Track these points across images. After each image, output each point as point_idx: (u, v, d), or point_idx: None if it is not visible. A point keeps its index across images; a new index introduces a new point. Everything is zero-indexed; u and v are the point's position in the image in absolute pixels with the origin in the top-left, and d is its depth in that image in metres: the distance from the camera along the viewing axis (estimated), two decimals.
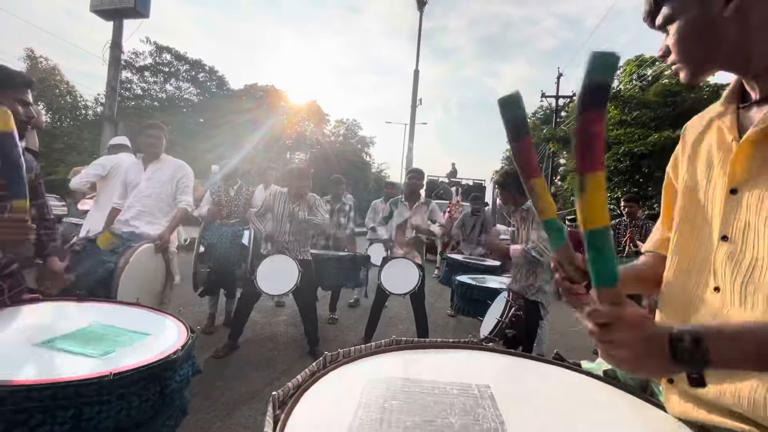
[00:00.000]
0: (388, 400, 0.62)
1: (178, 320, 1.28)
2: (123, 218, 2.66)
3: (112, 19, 8.57)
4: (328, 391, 0.66)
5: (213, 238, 3.32)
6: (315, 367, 0.72)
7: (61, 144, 20.20)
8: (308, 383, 0.67)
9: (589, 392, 0.75)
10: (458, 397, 0.65)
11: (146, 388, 0.94)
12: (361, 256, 3.86)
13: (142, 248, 2.29)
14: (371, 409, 0.59)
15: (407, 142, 15.88)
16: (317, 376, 0.70)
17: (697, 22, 0.61)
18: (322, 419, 0.58)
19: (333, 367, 0.74)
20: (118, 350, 1.01)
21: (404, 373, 0.74)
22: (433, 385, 0.69)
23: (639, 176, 10.91)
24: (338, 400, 0.63)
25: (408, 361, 0.83)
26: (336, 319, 4.16)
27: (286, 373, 2.77)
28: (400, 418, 0.57)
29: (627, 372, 0.55)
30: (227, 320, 3.63)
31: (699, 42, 0.61)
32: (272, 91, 29.72)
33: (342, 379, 0.71)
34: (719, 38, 0.60)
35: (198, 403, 2.26)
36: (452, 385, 0.70)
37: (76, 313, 1.31)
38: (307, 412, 0.58)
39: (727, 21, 0.58)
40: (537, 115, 29.07)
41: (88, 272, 2.07)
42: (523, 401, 0.70)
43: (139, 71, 25.58)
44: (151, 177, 2.74)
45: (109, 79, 8.69)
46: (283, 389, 0.63)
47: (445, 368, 0.81)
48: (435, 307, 5.01)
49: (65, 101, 23.40)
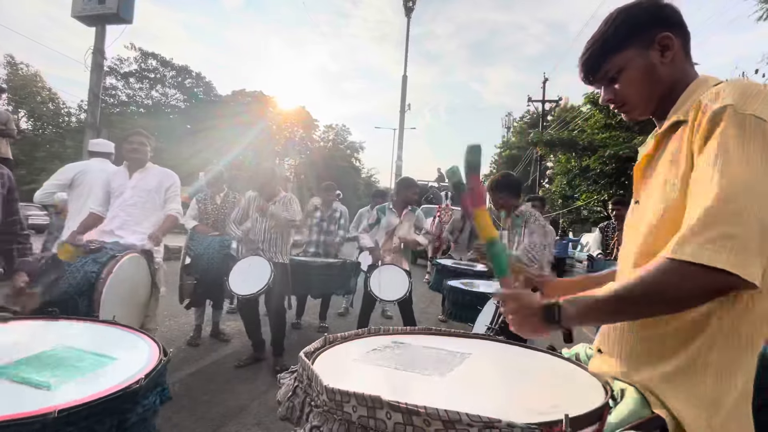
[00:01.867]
0: (393, 350, 0.88)
1: (152, 341, 1.18)
2: (107, 228, 2.58)
3: (94, 25, 8.42)
4: (363, 344, 0.92)
5: (200, 249, 3.25)
6: (360, 332, 0.97)
7: (43, 152, 19.78)
8: (353, 338, 0.94)
9: (539, 362, 0.92)
10: (443, 354, 0.89)
11: (100, 422, 0.83)
12: (351, 263, 3.81)
13: (125, 258, 2.20)
14: (376, 351, 0.87)
15: (396, 148, 15.94)
16: (361, 336, 0.96)
17: (643, 68, 0.78)
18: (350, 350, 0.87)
19: (374, 334, 0.99)
20: (76, 379, 0.90)
21: (417, 342, 0.96)
22: (430, 348, 0.92)
23: (624, 179, 11.09)
24: (365, 347, 0.89)
25: (429, 339, 1.02)
26: (326, 328, 4.10)
27: (273, 386, 2.70)
28: (393, 356, 0.84)
29: (521, 332, 0.78)
30: (214, 331, 3.55)
31: (647, 83, 0.79)
32: (260, 97, 29.61)
33: (376, 340, 0.95)
34: (659, 80, 0.79)
35: (183, 418, 2.18)
36: (445, 351, 0.91)
37: (42, 333, 1.21)
38: (343, 348, 0.88)
39: (664, 66, 0.78)
40: (524, 119, 29.46)
41: (68, 284, 1.99)
42: (486, 363, 0.91)
43: (124, 77, 25.27)
44: (136, 185, 2.66)
45: (92, 86, 8.53)
46: (333, 336, 0.90)
47: (448, 344, 0.98)
48: (426, 312, 4.99)
49: (47, 108, 22.95)
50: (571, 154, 13.35)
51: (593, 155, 11.58)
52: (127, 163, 2.75)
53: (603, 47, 0.80)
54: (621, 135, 11.35)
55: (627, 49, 0.78)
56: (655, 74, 0.78)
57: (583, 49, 0.83)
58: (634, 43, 0.78)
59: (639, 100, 0.81)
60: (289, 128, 31.65)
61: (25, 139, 20.03)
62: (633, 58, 0.78)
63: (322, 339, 0.83)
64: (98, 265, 2.06)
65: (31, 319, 1.32)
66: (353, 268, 3.83)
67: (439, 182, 14.53)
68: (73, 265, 2.05)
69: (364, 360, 0.80)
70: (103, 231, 2.58)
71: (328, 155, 30.82)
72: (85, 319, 1.38)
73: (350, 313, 4.71)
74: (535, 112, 24.97)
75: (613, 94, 0.83)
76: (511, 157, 26.62)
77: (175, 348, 3.23)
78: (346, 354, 0.84)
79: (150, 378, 0.96)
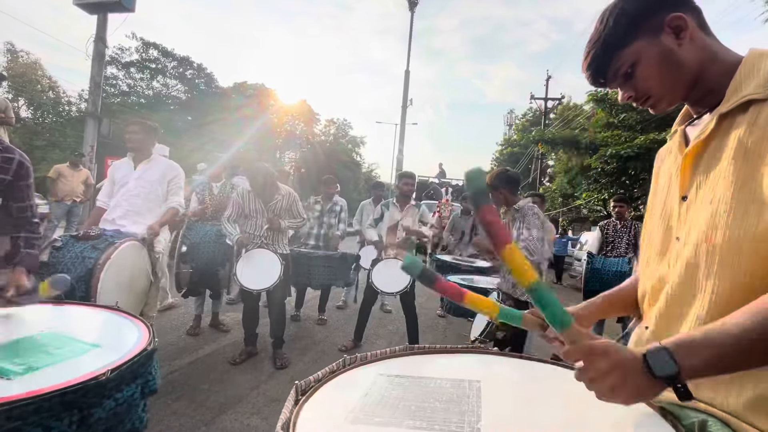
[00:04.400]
0: (389, 390, 0.74)
1: (146, 330, 1.12)
2: (109, 217, 2.59)
3: (96, 12, 8.37)
4: (343, 384, 0.77)
5: (196, 238, 3.24)
6: (335, 366, 0.81)
7: (43, 141, 19.70)
8: (328, 378, 0.77)
9: (564, 383, 0.80)
10: (449, 389, 0.75)
11: (55, 418, 0.75)
12: (351, 255, 3.82)
13: (125, 245, 2.20)
14: (373, 395, 0.71)
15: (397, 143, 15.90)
16: (337, 372, 0.80)
17: (659, 57, 0.70)
18: (334, 402, 0.70)
19: (351, 367, 0.84)
20: (45, 368, 0.84)
21: (410, 372, 0.84)
22: (430, 380, 0.79)
23: (625, 178, 11.07)
24: (350, 390, 0.74)
25: (415, 362, 0.91)
26: (325, 320, 4.11)
27: (272, 377, 2.72)
28: (395, 403, 0.69)
29: (620, 402, 0.55)
30: (213, 321, 3.55)
31: (668, 72, 0.71)
32: (262, 89, 29.45)
33: (357, 376, 0.81)
34: (683, 64, 0.70)
35: (182, 406, 2.20)
36: (447, 380, 0.79)
37: (37, 318, 1.19)
38: (323, 398, 0.71)
39: (685, 49, 0.69)
40: (526, 117, 29.38)
41: (67, 270, 1.99)
42: (505, 392, 0.79)
43: (125, 67, 25.09)
44: (140, 176, 2.67)
45: (93, 75, 8.49)
46: (305, 381, 0.73)
47: (445, 368, 0.89)
48: (425, 308, 5.00)
49: (47, 97, 22.79)
50: (572, 153, 13.33)
51: (594, 154, 11.55)
52: (131, 154, 2.74)
53: (605, 46, 0.73)
54: (623, 134, 11.30)
55: (634, 42, 0.71)
56: (674, 59, 0.70)
57: (584, 53, 0.76)
58: (641, 34, 0.70)
59: (664, 90, 0.73)
60: (290, 122, 31.54)
61: (24, 127, 19.95)
62: (644, 48, 0.70)
63: (293, 391, 0.67)
64: (97, 251, 2.05)
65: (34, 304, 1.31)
66: (353, 260, 3.83)
67: (439, 178, 14.52)
68: (72, 252, 2.05)
69: (364, 417, 0.64)
70: (105, 220, 2.59)
71: (329, 149, 30.74)
72: (87, 304, 1.36)
73: (349, 306, 4.72)
74: (537, 110, 24.89)
75: (633, 90, 0.75)
76: (512, 155, 26.59)
77: (175, 337, 3.24)
78: (334, 409, 0.67)
79: (121, 371, 0.88)
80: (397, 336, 3.91)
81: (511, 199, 2.51)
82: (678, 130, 0.78)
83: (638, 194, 10.68)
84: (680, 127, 0.79)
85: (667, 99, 0.74)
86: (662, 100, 0.74)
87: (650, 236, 0.81)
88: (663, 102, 0.74)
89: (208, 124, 23.36)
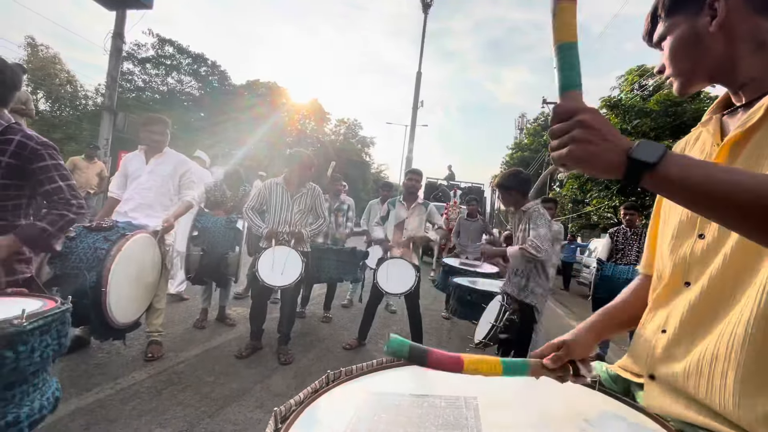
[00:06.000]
0: (379, 413, 0.66)
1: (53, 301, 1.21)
2: (122, 209, 2.63)
3: (115, 8, 8.52)
4: (327, 407, 0.69)
5: (207, 223, 3.27)
6: (317, 385, 0.73)
7: (60, 134, 20.07)
8: (310, 399, 0.69)
9: (571, 397, 0.76)
10: (445, 409, 0.69)
11: None
12: (360, 251, 3.82)
13: (136, 237, 2.24)
14: (362, 421, 0.63)
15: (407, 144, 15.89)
16: (320, 392, 0.72)
17: (685, 38, 0.67)
18: (318, 430, 0.62)
19: (336, 384, 0.76)
20: None
21: (401, 389, 0.77)
22: (423, 399, 0.73)
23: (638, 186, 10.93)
24: (336, 414, 0.66)
25: (407, 376, 0.85)
26: (330, 318, 4.13)
27: (276, 371, 2.74)
28: (387, 429, 0.61)
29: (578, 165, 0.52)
30: (220, 315, 3.59)
31: (687, 55, 0.68)
32: (274, 87, 29.68)
33: (342, 396, 0.73)
34: (706, 52, 0.66)
35: (188, 396, 2.23)
36: (442, 398, 0.73)
37: None
38: (306, 424, 0.62)
39: (712, 36, 0.64)
40: (538, 121, 29.14)
41: (79, 259, 2.03)
42: (506, 409, 0.73)
43: (141, 63, 25.48)
44: (153, 170, 2.71)
45: (110, 69, 8.64)
46: (285, 405, 0.65)
47: (439, 380, 0.82)
48: (429, 309, 5.00)
49: (65, 91, 23.25)
50: None
51: None
52: (144, 148, 2.79)
53: (653, 11, 0.73)
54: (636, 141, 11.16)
55: (674, 15, 0.69)
56: (700, 42, 0.66)
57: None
58: (682, 9, 0.68)
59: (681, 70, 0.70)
60: (301, 120, 31.73)
61: (42, 120, 20.37)
62: (678, 23, 0.68)
63: (272, 420, 0.61)
64: (108, 242, 2.10)
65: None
66: (363, 256, 3.84)
67: (448, 180, 14.47)
68: (85, 242, 2.10)
69: None
70: (117, 212, 2.64)
71: (339, 149, 30.84)
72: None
73: (354, 305, 4.73)
74: (549, 114, 24.64)
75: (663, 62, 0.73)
76: (522, 159, 26.39)
77: (183, 329, 3.29)
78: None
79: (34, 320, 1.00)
80: (401, 336, 3.91)
81: (521, 201, 2.51)
82: (713, 118, 0.72)
83: (650, 202, 10.53)
84: (716, 115, 0.73)
85: (685, 80, 0.70)
86: (681, 81, 0.70)
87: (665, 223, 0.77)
88: (682, 82, 0.71)
89: (221, 120, 23.62)
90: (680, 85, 0.71)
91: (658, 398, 0.68)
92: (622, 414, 0.70)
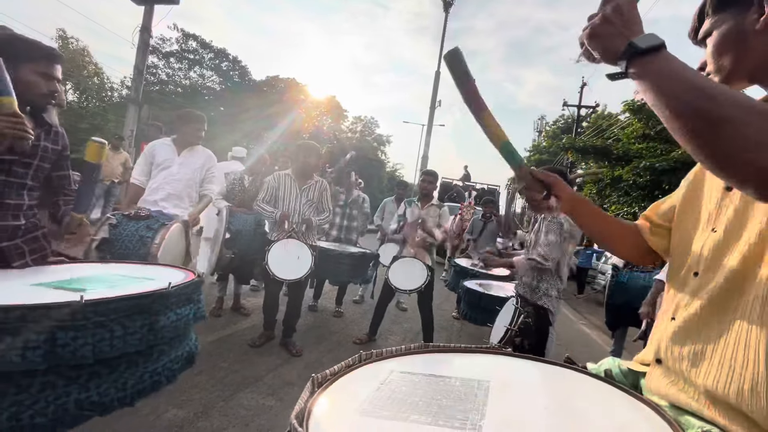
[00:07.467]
0: (400, 386, 0.75)
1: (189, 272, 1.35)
2: (151, 198, 2.69)
3: (144, 3, 8.76)
4: (357, 379, 0.78)
5: (238, 225, 3.34)
6: (351, 361, 0.82)
7: (87, 124, 20.70)
8: (344, 372, 0.79)
9: (576, 387, 0.81)
10: (459, 387, 0.76)
11: (131, 319, 0.94)
12: (370, 254, 3.88)
13: (174, 226, 2.35)
14: (383, 391, 0.73)
15: (423, 143, 15.86)
16: (352, 368, 0.82)
17: (730, 35, 0.66)
18: (347, 395, 0.72)
19: (367, 362, 0.85)
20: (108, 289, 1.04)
21: (424, 370, 0.84)
22: (441, 378, 0.80)
23: (658, 192, 10.63)
24: (363, 384, 0.76)
25: (429, 360, 0.92)
26: (342, 313, 4.19)
27: (288, 362, 2.80)
28: (404, 398, 0.71)
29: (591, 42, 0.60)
30: (235, 305, 3.69)
31: (730, 53, 0.66)
32: (293, 84, 29.94)
33: (371, 372, 0.82)
34: (749, 50, 0.64)
35: (202, 381, 2.31)
36: (458, 379, 0.80)
37: (92, 269, 1.36)
38: (337, 390, 0.73)
39: (758, 34, 0.62)
40: (557, 124, 28.67)
41: (125, 246, 2.14)
42: (513, 392, 0.79)
43: (165, 57, 26.05)
44: (184, 162, 2.78)
45: (137, 63, 8.90)
46: (322, 374, 0.74)
47: (458, 367, 0.90)
48: (440, 309, 5.01)
49: (92, 82, 23.96)
50: (603, 163, 12.93)
51: (627, 165, 11.16)
52: (175, 138, 2.86)
53: (701, 6, 0.72)
54: (659, 146, 10.86)
55: (722, 12, 0.67)
56: (742, 41, 0.65)
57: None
58: (731, 6, 0.66)
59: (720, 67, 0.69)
60: (319, 117, 31.96)
61: (70, 110, 21.06)
62: (723, 21, 0.67)
63: (310, 383, 0.70)
64: (152, 231, 2.21)
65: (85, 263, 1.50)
66: (372, 258, 3.88)
67: (464, 181, 14.39)
68: (127, 230, 2.20)
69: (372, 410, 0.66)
70: (146, 200, 2.71)
71: (355, 146, 30.94)
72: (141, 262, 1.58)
73: (365, 301, 4.78)
74: (570, 117, 24.24)
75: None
76: (540, 162, 26.01)
77: None
78: (346, 402, 0.69)
79: (179, 288, 1.07)
80: (410, 334, 3.94)
81: None
82: None
83: None
84: None
85: (724, 77, 0.69)
86: (720, 78, 0.69)
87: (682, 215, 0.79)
88: (721, 79, 0.69)
89: (241, 115, 23.97)
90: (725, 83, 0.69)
91: (659, 380, 0.72)
92: (624, 404, 0.74)
